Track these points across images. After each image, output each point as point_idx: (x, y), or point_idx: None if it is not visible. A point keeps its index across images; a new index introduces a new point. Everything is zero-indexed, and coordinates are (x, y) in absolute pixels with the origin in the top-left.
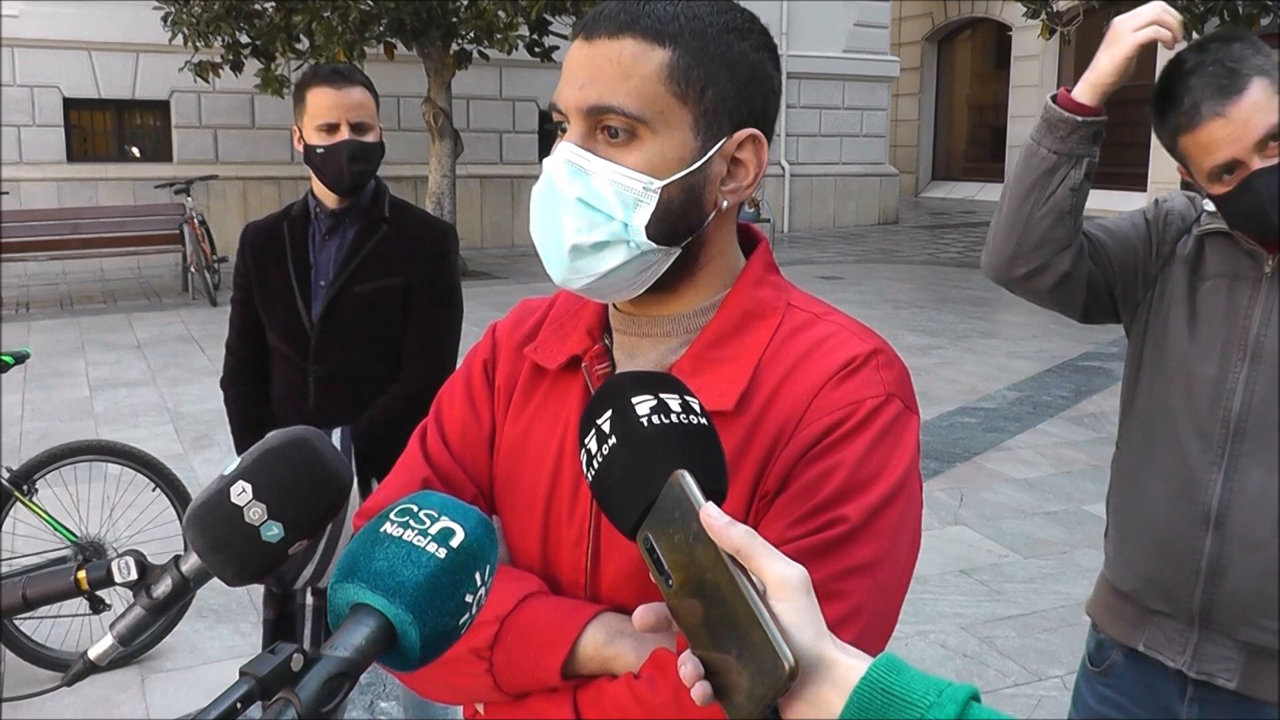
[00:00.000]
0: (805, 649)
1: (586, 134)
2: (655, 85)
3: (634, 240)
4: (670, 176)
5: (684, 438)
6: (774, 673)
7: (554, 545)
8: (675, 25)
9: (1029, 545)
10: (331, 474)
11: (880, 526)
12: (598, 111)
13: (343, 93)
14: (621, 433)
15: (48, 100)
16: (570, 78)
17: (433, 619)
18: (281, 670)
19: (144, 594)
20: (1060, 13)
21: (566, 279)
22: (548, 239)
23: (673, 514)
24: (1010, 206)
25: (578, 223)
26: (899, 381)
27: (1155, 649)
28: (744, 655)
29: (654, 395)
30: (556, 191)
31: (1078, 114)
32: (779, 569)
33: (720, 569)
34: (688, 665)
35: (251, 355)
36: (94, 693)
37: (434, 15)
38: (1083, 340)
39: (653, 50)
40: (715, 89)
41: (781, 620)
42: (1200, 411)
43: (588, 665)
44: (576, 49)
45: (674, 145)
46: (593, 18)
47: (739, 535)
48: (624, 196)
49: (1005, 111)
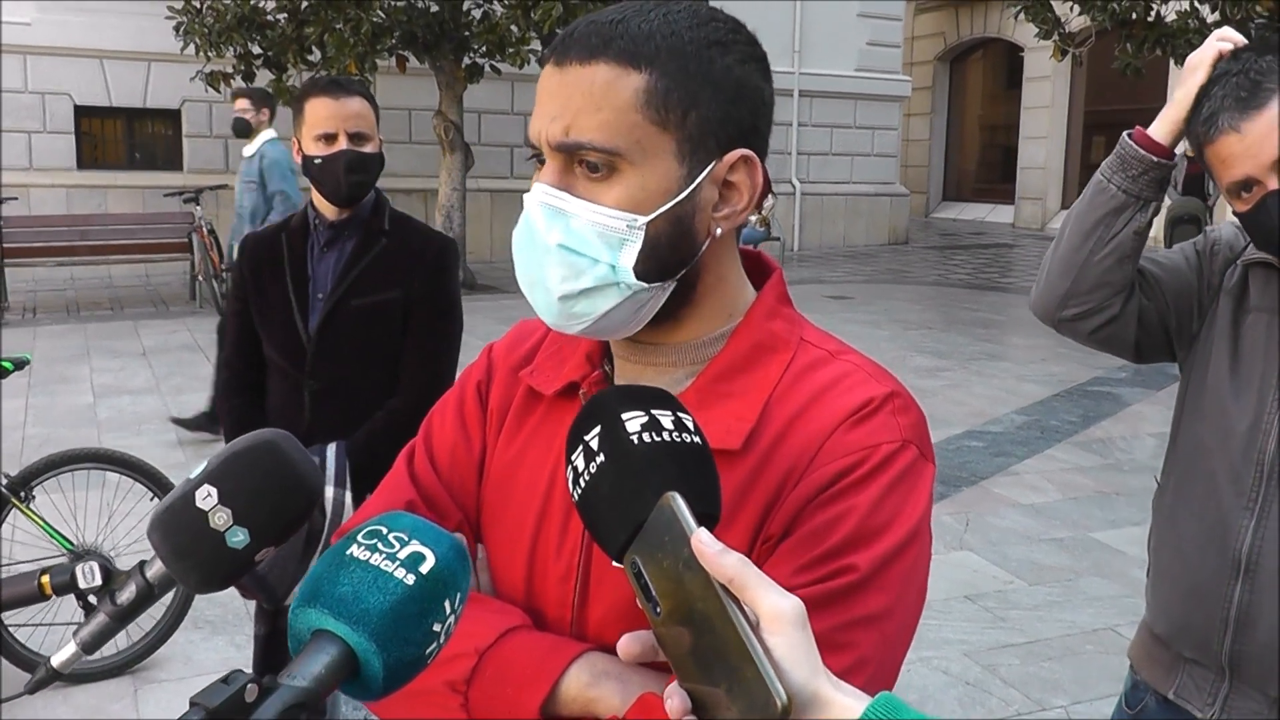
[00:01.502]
0: (799, 686)
1: (563, 170)
2: (630, 115)
3: (623, 281)
4: (655, 211)
5: (676, 457)
6: (766, 710)
7: (540, 578)
8: (651, 46)
9: (1035, 572)
10: (300, 479)
11: (890, 578)
12: (568, 148)
13: (340, 102)
14: (610, 450)
15: (59, 107)
16: (541, 109)
17: (398, 649)
18: (234, 701)
19: (108, 600)
20: (1073, 34)
21: (561, 326)
22: (536, 288)
23: (662, 538)
24: (1070, 244)
25: (563, 271)
26: (915, 427)
27: (1185, 698)
28: (734, 690)
29: (645, 411)
30: (538, 239)
31: (1154, 154)
32: (773, 601)
33: (711, 598)
34: (675, 699)
35: (246, 369)
36: (86, 702)
37: (446, 28)
38: (1092, 365)
39: (627, 75)
40: (698, 111)
41: (775, 655)
42: (1234, 453)
43: (569, 706)
44: (548, 76)
45: (656, 176)
46: (563, 41)
47: (732, 564)
48: (608, 238)
49: (1016, 132)
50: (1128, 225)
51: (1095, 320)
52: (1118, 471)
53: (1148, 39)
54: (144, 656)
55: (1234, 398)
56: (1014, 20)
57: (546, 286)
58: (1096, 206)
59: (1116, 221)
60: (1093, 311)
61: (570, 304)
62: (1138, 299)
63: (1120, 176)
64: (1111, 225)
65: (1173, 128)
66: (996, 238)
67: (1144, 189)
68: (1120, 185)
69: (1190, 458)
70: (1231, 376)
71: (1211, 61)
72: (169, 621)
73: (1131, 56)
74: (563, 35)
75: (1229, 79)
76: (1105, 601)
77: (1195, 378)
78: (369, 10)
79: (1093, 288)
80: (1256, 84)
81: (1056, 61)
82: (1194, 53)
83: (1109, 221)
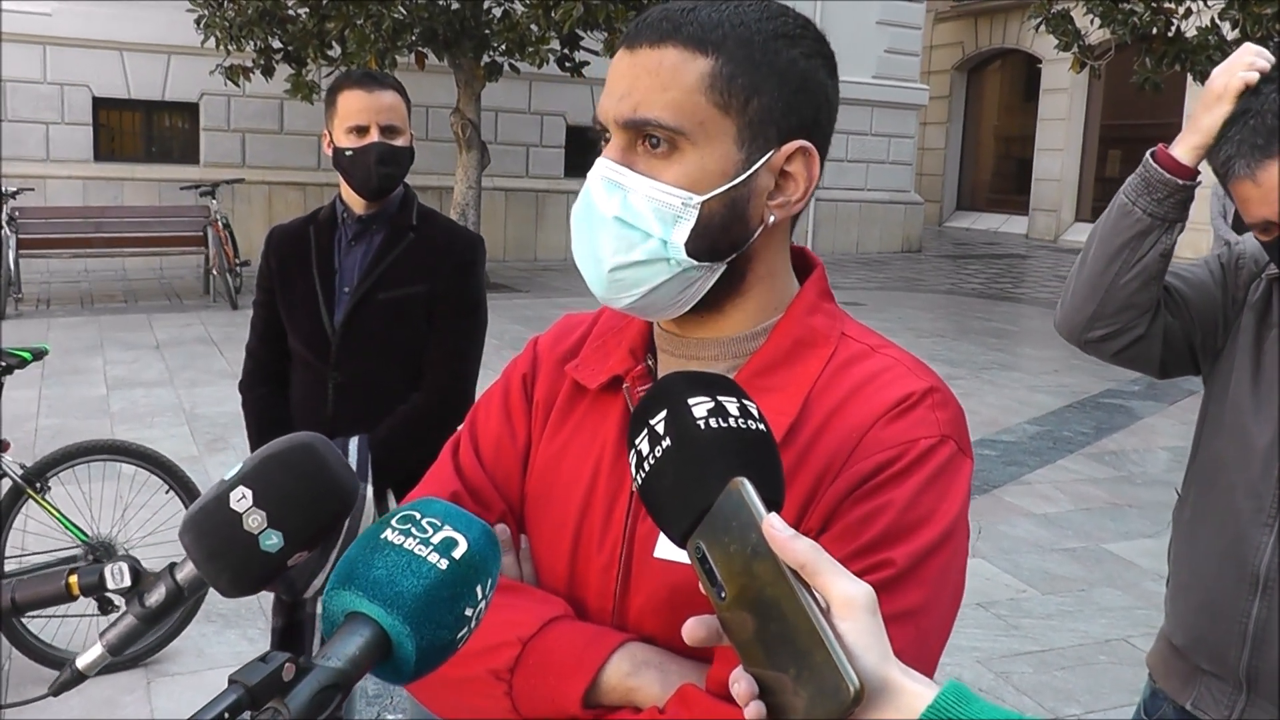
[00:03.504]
0: (870, 672)
1: (626, 146)
2: (695, 96)
3: (674, 258)
4: (711, 191)
5: (743, 443)
6: (836, 695)
7: (582, 569)
8: (719, 33)
9: (1047, 581)
10: (336, 483)
11: (927, 573)
12: (635, 124)
13: (374, 95)
14: (677, 435)
15: (77, 99)
16: (611, 89)
17: (430, 632)
18: (272, 679)
19: (137, 602)
20: (1092, 47)
21: (609, 298)
22: (588, 260)
23: (729, 523)
24: (1095, 267)
25: (616, 243)
26: (954, 422)
27: (1201, 709)
28: (803, 675)
29: (711, 397)
30: (595, 211)
31: (1178, 176)
32: (845, 586)
33: (781, 583)
34: (741, 683)
35: (271, 359)
36: (99, 694)
37: (467, 26)
38: (1105, 377)
39: (694, 59)
40: (761, 99)
41: (846, 640)
42: (1254, 469)
43: (610, 695)
44: (619, 59)
45: (715, 158)
46: (636, 27)
47: (804, 549)
48: (662, 213)
49: (1032, 144)
50: (1154, 248)
51: (1122, 340)
52: (1130, 484)
53: (1167, 54)
54: (157, 650)
55: (1254, 413)
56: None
57: (599, 257)
58: (1122, 230)
59: (1142, 244)
60: (1119, 332)
61: (619, 275)
62: (1163, 317)
63: (1145, 199)
64: (1137, 248)
65: (1196, 153)
66: (1010, 248)
67: (1169, 211)
68: (1145, 208)
69: (1210, 472)
70: (1253, 392)
71: (1236, 94)
72: (183, 615)
73: (1150, 71)
74: (636, 21)
75: (1246, 122)
76: (1118, 613)
77: (1217, 392)
78: (390, 6)
79: (1119, 309)
80: (1272, 130)
81: (1075, 74)
82: (1221, 75)
83: (1135, 244)
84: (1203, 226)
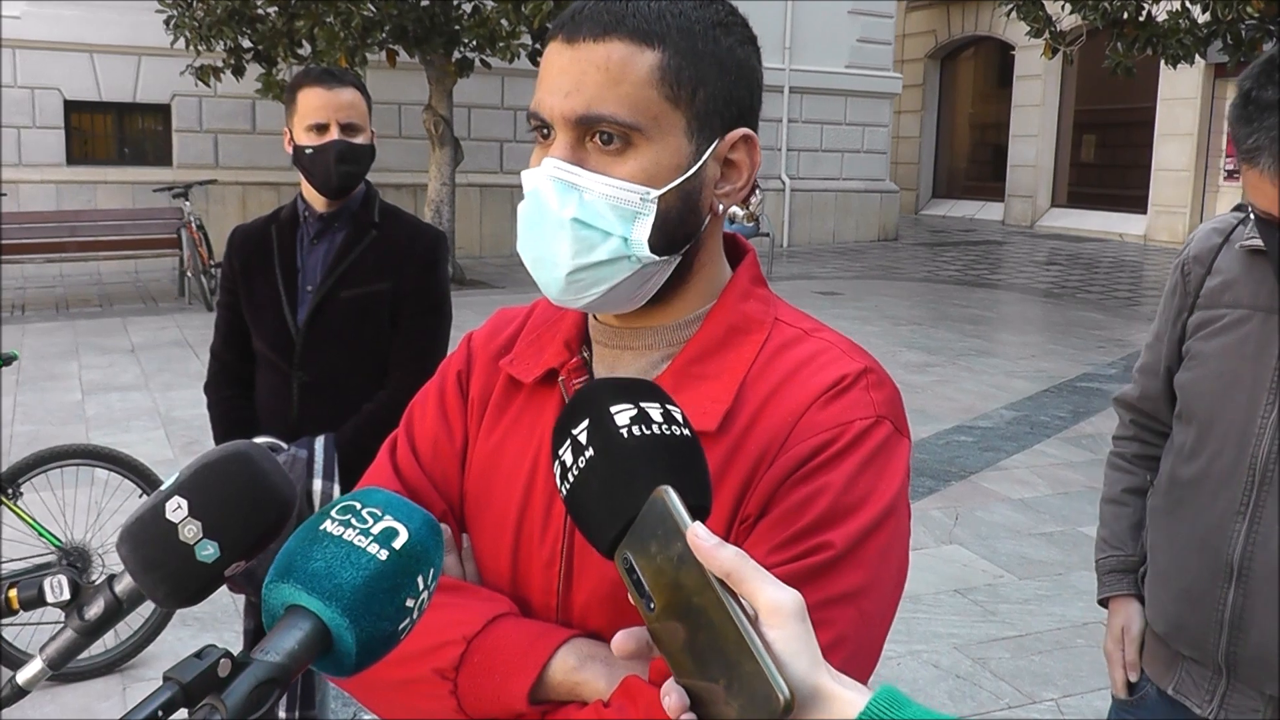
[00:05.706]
0: (800, 680)
1: (575, 144)
2: (647, 90)
3: (635, 254)
4: (667, 185)
5: (667, 450)
6: (767, 704)
7: (524, 566)
8: (662, 24)
9: (1024, 566)
10: (273, 492)
11: (866, 554)
12: (588, 121)
13: (333, 93)
14: (600, 444)
15: (48, 102)
16: (552, 85)
17: (370, 623)
18: (207, 676)
19: (75, 615)
20: (1064, 33)
21: (566, 300)
22: (542, 264)
23: (655, 532)
24: None
25: (575, 245)
26: (889, 403)
27: (1184, 694)
28: (734, 685)
29: (634, 404)
30: (549, 213)
31: None
32: (772, 594)
33: (708, 592)
34: (672, 695)
35: (236, 361)
36: (74, 701)
37: (437, 22)
38: (1081, 361)
39: (642, 52)
40: (706, 89)
41: (775, 649)
42: (1226, 457)
43: (556, 691)
44: (557, 53)
45: (669, 152)
46: (572, 19)
47: (729, 557)
48: (621, 210)
49: (1007, 131)
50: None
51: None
52: None
53: (1139, 39)
54: (132, 655)
55: (1224, 399)
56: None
57: (554, 262)
58: None
59: None
60: None
61: (579, 276)
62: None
63: None
64: None
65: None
66: (986, 235)
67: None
68: None
69: (1182, 461)
70: (1219, 375)
71: None
72: (157, 619)
73: (1122, 56)
74: (571, 12)
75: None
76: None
77: (1187, 380)
78: (359, 4)
79: None
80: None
81: (1047, 60)
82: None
83: None
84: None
